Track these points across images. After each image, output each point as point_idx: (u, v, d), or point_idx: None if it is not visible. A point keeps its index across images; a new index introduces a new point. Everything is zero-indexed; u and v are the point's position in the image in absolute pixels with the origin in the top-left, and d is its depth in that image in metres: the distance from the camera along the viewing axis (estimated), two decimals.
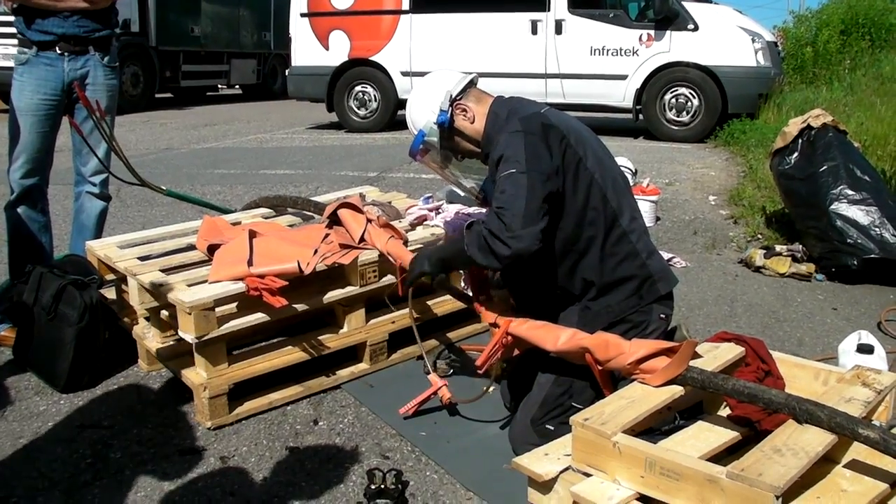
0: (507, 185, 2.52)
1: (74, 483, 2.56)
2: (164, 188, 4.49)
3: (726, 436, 2.13)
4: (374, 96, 12.32)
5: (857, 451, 2.00)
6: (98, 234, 4.11)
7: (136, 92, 15.93)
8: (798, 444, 1.84)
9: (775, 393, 2.01)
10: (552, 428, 2.57)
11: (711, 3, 11.53)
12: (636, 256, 2.70)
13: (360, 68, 12.31)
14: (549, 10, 11.11)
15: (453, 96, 2.84)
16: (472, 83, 2.93)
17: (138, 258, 3.37)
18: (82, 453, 2.75)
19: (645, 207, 5.96)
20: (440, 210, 3.81)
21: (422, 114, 2.90)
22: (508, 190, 2.51)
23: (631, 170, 7.08)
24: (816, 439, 1.86)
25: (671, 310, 2.80)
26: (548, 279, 2.75)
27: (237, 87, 21.57)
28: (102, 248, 3.53)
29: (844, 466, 2.01)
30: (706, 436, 2.12)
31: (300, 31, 12.55)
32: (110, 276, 3.54)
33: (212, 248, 3.29)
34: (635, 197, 5.84)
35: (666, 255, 5.02)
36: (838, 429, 1.84)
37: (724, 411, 2.35)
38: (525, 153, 2.55)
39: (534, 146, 2.58)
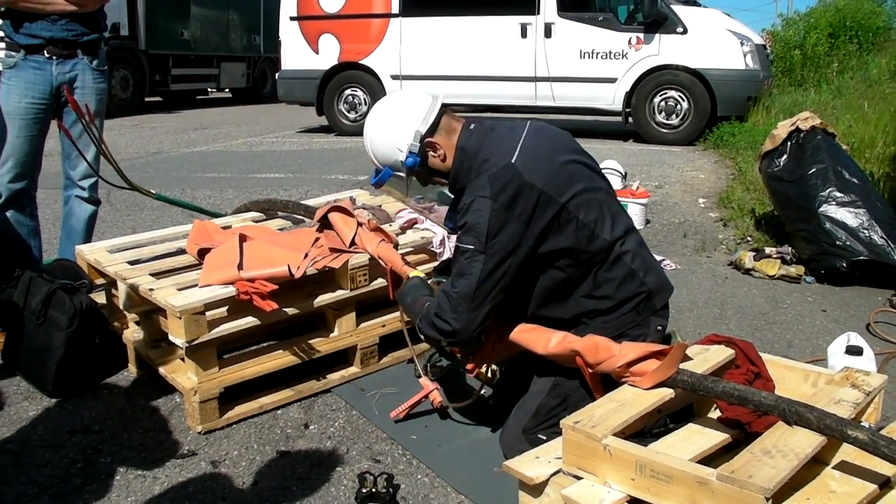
0: (463, 263, 2.46)
1: (64, 488, 2.55)
2: (153, 192, 4.48)
3: (716, 438, 2.14)
4: (364, 100, 12.31)
5: (847, 452, 2.01)
6: (88, 238, 4.10)
7: (125, 96, 15.88)
8: (788, 445, 1.85)
9: (765, 395, 2.01)
10: (544, 438, 2.56)
11: (700, 6, 11.57)
12: (633, 276, 2.58)
13: (350, 72, 12.31)
14: (538, 14, 11.13)
15: (422, 134, 2.62)
16: (441, 110, 2.68)
17: (128, 262, 3.36)
18: (72, 458, 2.74)
19: (635, 210, 5.99)
20: (431, 211, 3.81)
21: (387, 151, 2.70)
22: (463, 267, 2.45)
23: (620, 173, 7.10)
24: (806, 441, 1.87)
25: (667, 320, 2.72)
26: (542, 313, 2.65)
27: (227, 90, 21.51)
28: (92, 253, 3.52)
29: (834, 468, 2.02)
30: (696, 438, 2.13)
31: (290, 34, 12.54)
32: (100, 281, 3.53)
33: (202, 252, 3.28)
34: (625, 200, 5.91)
35: (656, 258, 5.03)
36: (828, 430, 1.85)
37: (715, 413, 2.36)
38: (487, 228, 2.40)
39: (499, 219, 2.41)
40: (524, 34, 11.19)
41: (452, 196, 2.82)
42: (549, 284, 2.58)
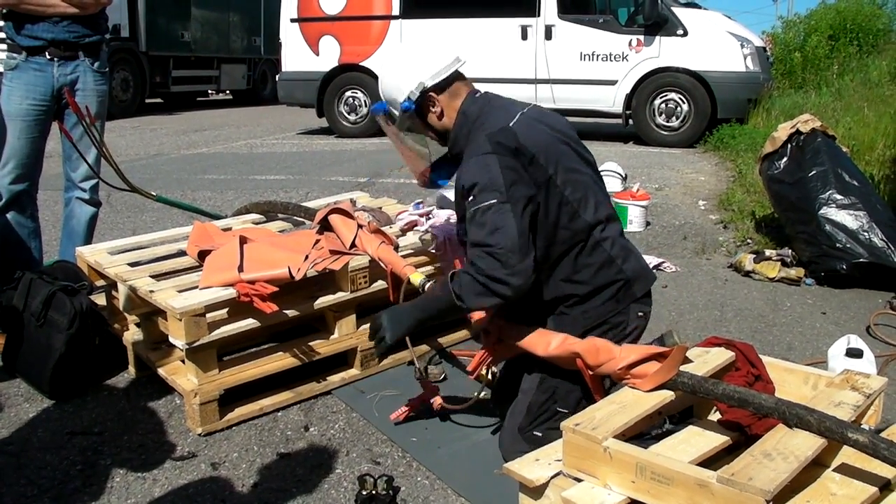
0: (491, 217, 2.37)
1: (64, 490, 2.55)
2: (154, 194, 4.48)
3: (717, 440, 2.14)
4: (365, 101, 12.30)
5: (847, 454, 2.01)
6: (88, 239, 4.11)
7: (125, 97, 15.88)
8: (788, 448, 1.85)
9: (765, 397, 2.01)
10: (540, 434, 2.57)
11: (701, 8, 11.57)
12: (612, 263, 2.59)
13: (351, 73, 12.30)
14: (539, 16, 11.13)
15: (426, 87, 2.67)
16: (456, 73, 2.73)
17: (128, 264, 3.36)
18: (72, 460, 2.74)
19: (635, 213, 5.99)
20: (430, 216, 3.81)
21: (390, 90, 2.77)
22: (493, 223, 2.37)
23: (620, 175, 7.11)
24: (806, 443, 1.87)
25: (649, 307, 2.73)
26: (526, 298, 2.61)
27: (227, 92, 21.52)
28: (92, 254, 3.52)
29: (834, 470, 2.02)
30: (697, 440, 2.13)
31: (290, 36, 12.54)
32: (100, 282, 3.54)
33: (202, 254, 3.29)
34: (626, 202, 5.90)
35: (656, 260, 5.04)
36: (828, 433, 1.85)
37: (715, 416, 2.36)
38: (503, 178, 2.41)
39: (511, 169, 2.44)
40: (525, 36, 11.19)
41: (447, 187, 2.91)
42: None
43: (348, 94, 12.40)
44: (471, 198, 2.45)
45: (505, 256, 2.33)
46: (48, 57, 3.81)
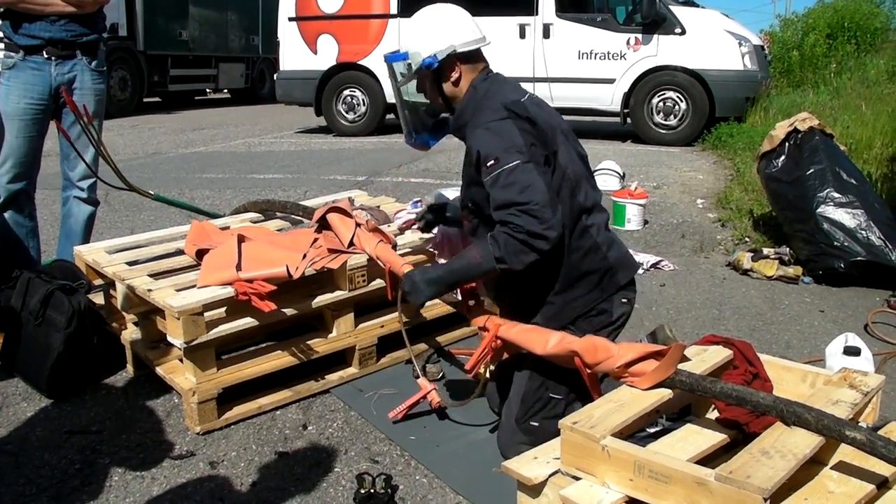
0: (517, 176, 2.44)
1: (62, 489, 2.55)
2: (152, 193, 4.48)
3: (715, 439, 2.14)
4: (363, 100, 12.32)
5: (845, 452, 2.01)
6: (86, 238, 4.11)
7: (123, 96, 15.88)
8: (786, 446, 1.85)
9: (763, 395, 2.02)
10: (536, 424, 2.58)
11: (698, 6, 11.58)
12: (597, 250, 2.66)
13: (349, 72, 12.30)
14: (537, 14, 11.14)
15: (455, 52, 2.72)
16: (479, 50, 2.83)
17: (126, 263, 3.36)
18: (70, 459, 2.74)
19: (633, 211, 6.00)
20: None
21: (417, 41, 2.76)
22: (521, 181, 2.44)
23: (619, 173, 7.12)
24: (804, 441, 1.87)
25: (634, 293, 2.80)
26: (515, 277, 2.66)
27: (225, 91, 21.51)
28: (90, 253, 3.52)
29: (832, 468, 2.02)
30: (695, 439, 2.13)
31: (288, 35, 12.54)
32: (98, 281, 3.53)
33: (200, 253, 3.29)
34: (623, 200, 5.91)
35: (654, 259, 5.05)
36: (826, 431, 1.85)
37: (713, 414, 2.36)
38: (522, 140, 2.51)
39: (527, 132, 2.54)
40: (522, 35, 11.20)
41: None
42: None
43: (346, 92, 12.40)
44: (491, 162, 2.50)
45: (540, 212, 2.41)
46: (46, 56, 3.81)
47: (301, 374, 3.25)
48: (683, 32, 10.51)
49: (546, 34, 11.12)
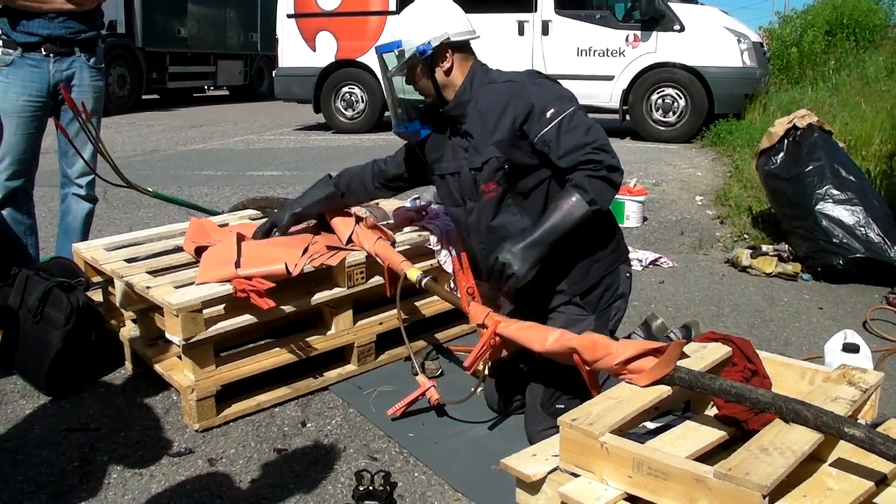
0: (578, 119, 2.58)
1: (61, 486, 2.55)
2: (150, 190, 4.47)
3: (713, 435, 2.14)
4: (361, 97, 12.32)
5: (843, 449, 2.01)
6: (84, 236, 4.10)
7: (122, 93, 15.88)
8: (785, 443, 1.85)
9: (762, 392, 2.01)
10: (563, 406, 2.57)
11: (697, 3, 11.57)
12: (609, 217, 2.82)
13: (347, 69, 12.31)
14: (535, 11, 11.14)
15: (449, 40, 2.76)
16: (469, 45, 2.89)
17: (125, 260, 3.36)
18: (69, 456, 2.73)
19: (632, 208, 6.00)
20: (427, 211, 3.81)
21: (410, 29, 2.78)
22: (584, 123, 2.58)
23: None
24: (803, 438, 1.87)
25: (631, 268, 2.92)
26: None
27: (224, 88, 21.50)
28: (89, 251, 3.51)
29: (830, 465, 2.02)
30: (693, 435, 2.13)
31: (287, 32, 12.54)
32: (97, 279, 3.53)
33: (199, 250, 3.28)
34: (622, 197, 5.91)
35: (653, 256, 5.05)
36: (825, 428, 1.85)
37: (712, 411, 2.36)
38: (566, 92, 2.69)
39: (556, 85, 2.73)
40: (521, 32, 11.20)
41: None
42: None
43: (345, 89, 12.40)
44: (551, 111, 2.58)
45: (609, 147, 2.56)
46: (44, 53, 3.80)
47: (300, 371, 3.24)
48: (682, 29, 10.51)
49: (545, 31, 11.12)
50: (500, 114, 2.66)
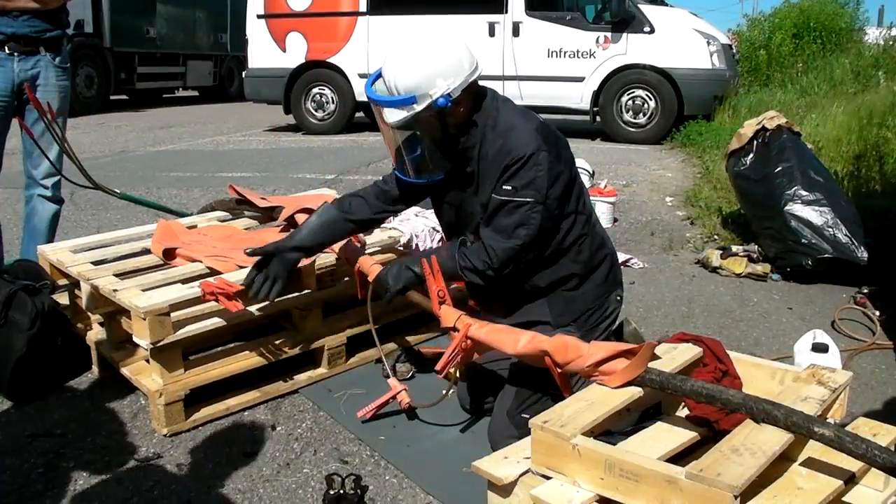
0: (524, 214, 2.58)
1: (25, 494, 2.51)
2: (118, 191, 4.43)
3: (685, 436, 2.14)
4: (332, 98, 12.27)
5: (814, 448, 2.02)
6: (50, 238, 4.05)
7: (90, 94, 15.70)
8: (755, 443, 1.85)
9: (733, 393, 2.02)
10: (528, 416, 2.56)
11: (667, 5, 11.65)
12: (603, 245, 2.84)
13: (318, 70, 12.26)
14: (506, 13, 11.15)
15: (469, 83, 2.59)
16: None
17: (92, 263, 3.31)
18: (33, 463, 2.69)
19: (602, 209, 6.01)
20: (418, 214, 3.80)
21: (424, 79, 2.53)
22: (522, 220, 2.58)
23: (588, 171, 7.12)
24: (773, 438, 1.87)
25: (623, 291, 2.96)
26: (525, 279, 2.77)
27: (193, 89, 21.33)
28: (55, 253, 3.46)
29: (801, 464, 2.03)
30: (665, 437, 2.13)
31: (257, 32, 12.47)
32: (63, 282, 3.48)
33: (167, 252, 3.25)
34: (593, 199, 5.92)
35: (623, 256, 5.05)
36: (795, 427, 1.86)
37: (683, 412, 2.36)
38: (546, 180, 2.56)
39: (553, 170, 2.58)
40: (492, 33, 11.20)
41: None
42: (553, 247, 2.73)
43: (315, 90, 12.35)
44: (510, 187, 2.58)
45: (521, 250, 2.60)
46: (8, 52, 3.75)
47: (269, 374, 3.21)
48: (652, 31, 10.57)
49: (515, 32, 11.14)
50: (498, 167, 2.62)
